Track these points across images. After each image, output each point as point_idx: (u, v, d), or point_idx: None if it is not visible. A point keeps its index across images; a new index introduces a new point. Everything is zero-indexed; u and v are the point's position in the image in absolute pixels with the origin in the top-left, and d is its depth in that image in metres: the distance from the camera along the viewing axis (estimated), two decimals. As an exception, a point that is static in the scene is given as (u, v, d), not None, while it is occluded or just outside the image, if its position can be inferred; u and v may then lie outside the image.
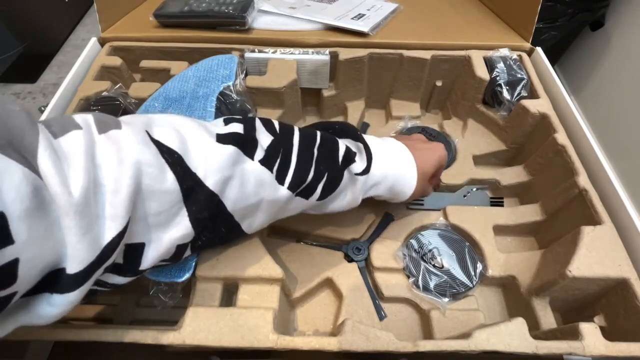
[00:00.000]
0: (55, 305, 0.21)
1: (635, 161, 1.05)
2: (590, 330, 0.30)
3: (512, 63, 0.49)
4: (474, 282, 0.39)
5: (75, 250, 0.20)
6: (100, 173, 0.21)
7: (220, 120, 0.29)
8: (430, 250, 0.41)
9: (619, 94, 1.13)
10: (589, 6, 1.11)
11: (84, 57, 0.51)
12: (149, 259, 0.25)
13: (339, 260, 0.41)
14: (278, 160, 0.29)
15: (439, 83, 0.54)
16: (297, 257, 0.41)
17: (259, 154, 0.28)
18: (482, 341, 0.30)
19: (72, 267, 0.20)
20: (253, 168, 0.28)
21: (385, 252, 0.41)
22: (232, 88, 0.43)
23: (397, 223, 0.43)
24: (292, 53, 0.50)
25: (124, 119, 0.25)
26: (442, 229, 0.42)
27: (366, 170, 0.32)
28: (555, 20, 1.12)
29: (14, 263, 0.17)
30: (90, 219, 0.20)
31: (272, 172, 0.28)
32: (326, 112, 0.55)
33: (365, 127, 0.55)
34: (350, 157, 0.32)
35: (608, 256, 0.34)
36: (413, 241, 0.41)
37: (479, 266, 0.39)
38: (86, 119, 0.23)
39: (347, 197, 0.34)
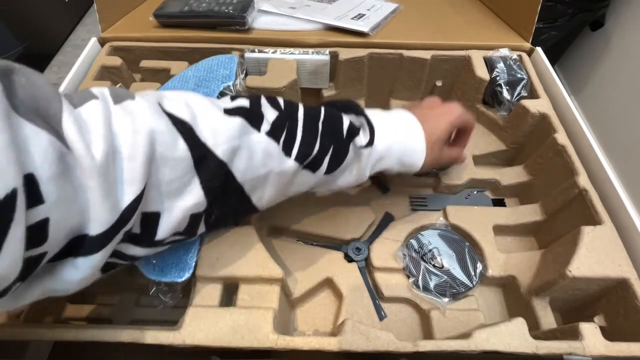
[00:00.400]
0: (80, 269, 0.22)
1: (635, 161, 1.05)
2: (590, 330, 0.30)
3: (512, 63, 0.49)
4: (474, 282, 0.39)
5: (99, 212, 0.21)
6: (117, 141, 0.22)
7: (227, 97, 0.30)
8: (430, 250, 0.41)
9: (619, 94, 1.13)
10: (589, 6, 1.11)
11: (84, 57, 0.51)
12: (164, 228, 0.26)
13: (339, 260, 0.41)
14: (284, 133, 0.29)
15: (439, 83, 0.54)
16: (297, 257, 0.41)
17: (265, 126, 0.29)
18: (482, 341, 0.30)
19: (95, 229, 0.21)
20: (260, 140, 0.28)
21: (385, 252, 0.41)
22: (232, 88, 0.43)
23: (397, 223, 0.43)
24: (292, 53, 0.50)
25: (136, 93, 0.26)
26: (442, 229, 0.42)
27: (370, 143, 0.33)
28: (555, 20, 1.12)
29: (45, 222, 0.19)
30: (110, 182, 0.21)
31: (278, 143, 0.29)
32: (326, 112, 0.55)
33: (365, 127, 0.55)
34: (354, 130, 0.32)
35: (608, 256, 0.34)
36: (413, 241, 0.41)
37: (479, 266, 0.39)
38: (102, 91, 0.24)
39: (353, 171, 0.34)
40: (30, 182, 0.18)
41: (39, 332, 0.30)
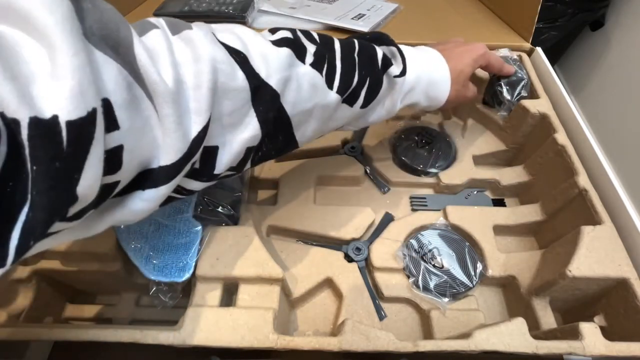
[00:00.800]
0: (147, 200, 0.23)
1: (635, 161, 1.05)
2: (590, 330, 0.30)
3: (512, 63, 0.49)
4: (474, 282, 0.39)
5: (172, 139, 0.21)
6: (181, 71, 0.22)
7: (266, 31, 0.30)
8: (430, 250, 0.41)
9: (619, 94, 1.13)
10: (589, 6, 1.11)
11: (84, 57, 0.51)
12: (222, 162, 0.26)
13: (339, 260, 0.41)
14: (325, 65, 0.29)
15: (439, 83, 0.54)
16: (297, 257, 0.41)
17: (309, 58, 0.29)
18: (482, 341, 0.30)
19: (167, 158, 0.22)
20: (306, 71, 0.28)
21: (385, 252, 0.41)
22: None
23: (397, 223, 0.43)
24: (292, 53, 0.50)
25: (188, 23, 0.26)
26: (442, 229, 0.42)
27: (403, 72, 0.33)
28: (555, 20, 1.12)
29: (119, 149, 0.19)
30: (181, 110, 0.22)
31: (322, 76, 0.29)
32: (326, 112, 0.55)
33: (364, 128, 0.55)
34: (387, 61, 0.33)
35: (608, 256, 0.34)
36: (413, 241, 0.41)
37: (479, 266, 0.39)
38: (159, 21, 0.24)
39: (385, 104, 0.35)
40: (107, 106, 0.18)
41: (39, 332, 0.30)
